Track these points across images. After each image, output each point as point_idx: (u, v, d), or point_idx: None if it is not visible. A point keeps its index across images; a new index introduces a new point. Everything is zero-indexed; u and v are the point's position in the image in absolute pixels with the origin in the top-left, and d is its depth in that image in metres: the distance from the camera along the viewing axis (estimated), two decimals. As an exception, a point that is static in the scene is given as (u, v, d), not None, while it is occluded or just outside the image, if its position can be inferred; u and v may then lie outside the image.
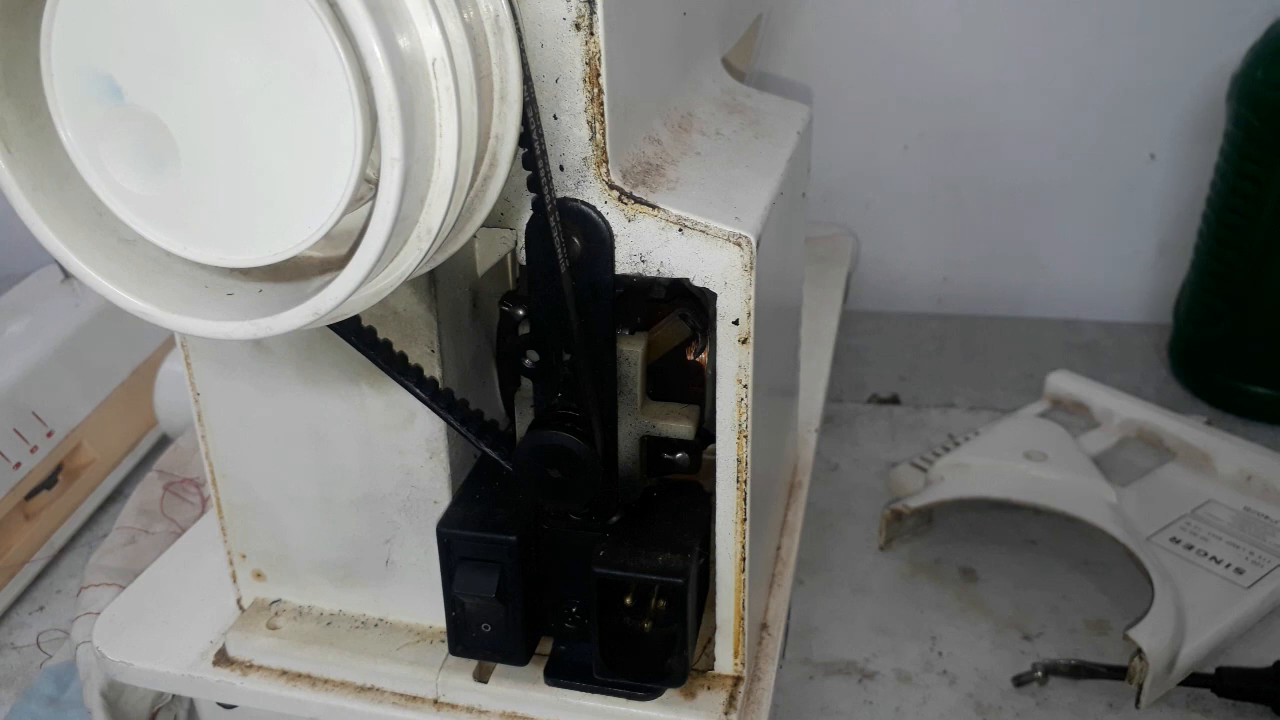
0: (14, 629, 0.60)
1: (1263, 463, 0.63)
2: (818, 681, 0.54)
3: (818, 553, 0.63)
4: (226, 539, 0.44)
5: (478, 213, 0.31)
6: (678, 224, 0.33)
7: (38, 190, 0.28)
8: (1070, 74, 0.82)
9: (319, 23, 0.24)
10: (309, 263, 0.29)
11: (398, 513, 0.41)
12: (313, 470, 0.41)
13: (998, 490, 0.61)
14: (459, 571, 0.38)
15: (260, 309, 0.28)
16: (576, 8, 0.30)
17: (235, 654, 0.43)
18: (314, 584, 0.44)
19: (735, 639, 0.40)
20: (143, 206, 0.27)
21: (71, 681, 0.54)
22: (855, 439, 0.74)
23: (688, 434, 0.38)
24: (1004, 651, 0.56)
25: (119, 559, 0.58)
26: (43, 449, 0.65)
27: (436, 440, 0.39)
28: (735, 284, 0.33)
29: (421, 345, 0.37)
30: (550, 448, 0.35)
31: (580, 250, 0.33)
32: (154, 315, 0.28)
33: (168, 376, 0.70)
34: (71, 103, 0.26)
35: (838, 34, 0.85)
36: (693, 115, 0.39)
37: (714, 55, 0.44)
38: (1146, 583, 0.54)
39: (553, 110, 0.32)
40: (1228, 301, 0.74)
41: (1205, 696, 0.52)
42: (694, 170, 0.36)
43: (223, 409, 0.41)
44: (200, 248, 0.27)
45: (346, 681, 0.42)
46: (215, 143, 0.26)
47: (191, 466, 0.65)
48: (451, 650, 0.40)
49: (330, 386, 0.39)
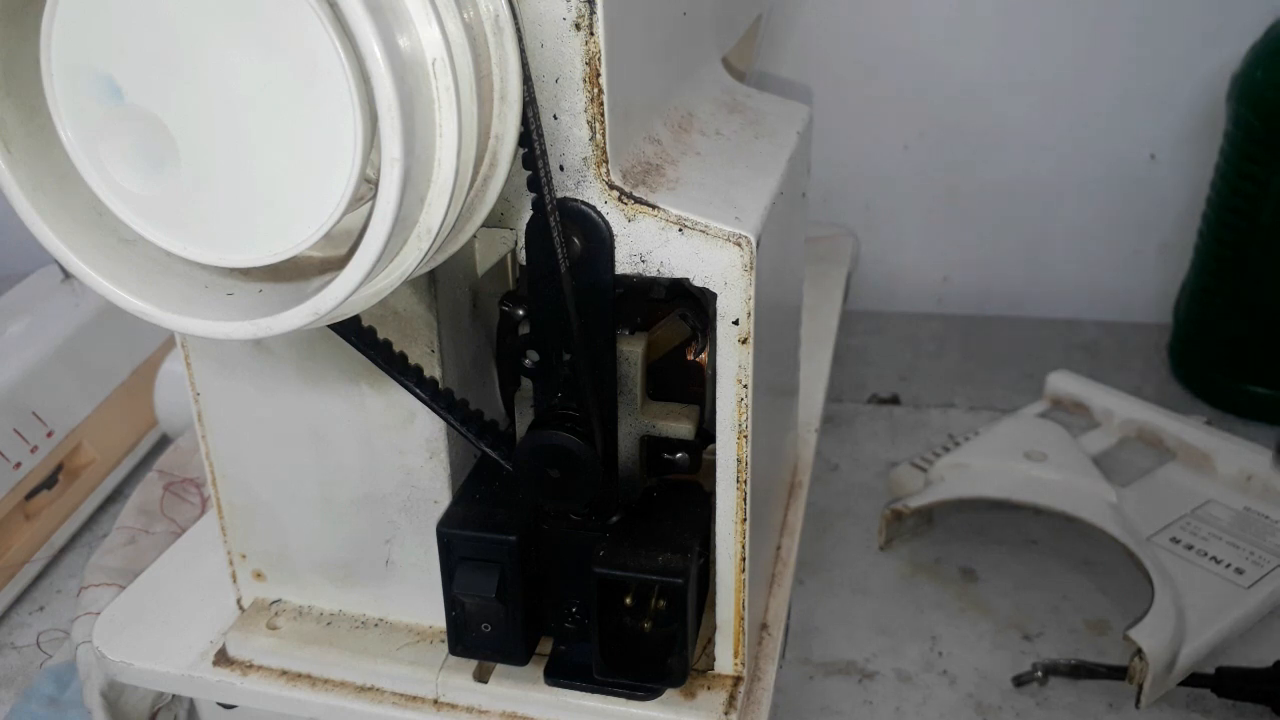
0: (14, 629, 0.60)
1: (1263, 463, 0.63)
2: (818, 681, 0.54)
3: (818, 553, 0.63)
4: (226, 539, 0.44)
5: (478, 213, 0.31)
6: (678, 224, 0.33)
7: (38, 190, 0.28)
8: (1071, 74, 0.82)
9: (319, 23, 0.24)
10: (309, 263, 0.29)
11: (398, 513, 0.41)
12: (313, 470, 0.41)
13: (998, 490, 0.61)
14: (459, 571, 0.38)
15: (260, 309, 0.28)
16: (576, 8, 0.30)
17: (235, 654, 0.43)
18: (314, 584, 0.44)
19: (735, 639, 0.40)
20: (143, 206, 0.27)
21: (72, 681, 0.54)
22: (855, 439, 0.74)
23: (688, 434, 0.38)
24: (1004, 651, 0.56)
25: (119, 559, 0.58)
26: (43, 449, 0.65)
27: (436, 440, 0.39)
28: (735, 284, 0.33)
29: (421, 345, 0.37)
30: (550, 448, 0.35)
31: (580, 250, 0.33)
32: (154, 315, 0.28)
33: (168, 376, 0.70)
34: (71, 103, 0.26)
35: (838, 34, 0.85)
36: (693, 115, 0.39)
37: (714, 55, 0.44)
38: (1146, 583, 0.54)
39: (553, 110, 0.32)
40: (1228, 301, 0.74)
41: (1205, 697, 0.52)
42: (694, 170, 0.36)
43: (223, 409, 0.41)
44: (200, 248, 0.27)
45: (346, 681, 0.42)
46: (215, 143, 0.26)
47: (191, 466, 0.65)
48: (451, 650, 0.40)
49: (330, 386, 0.39)
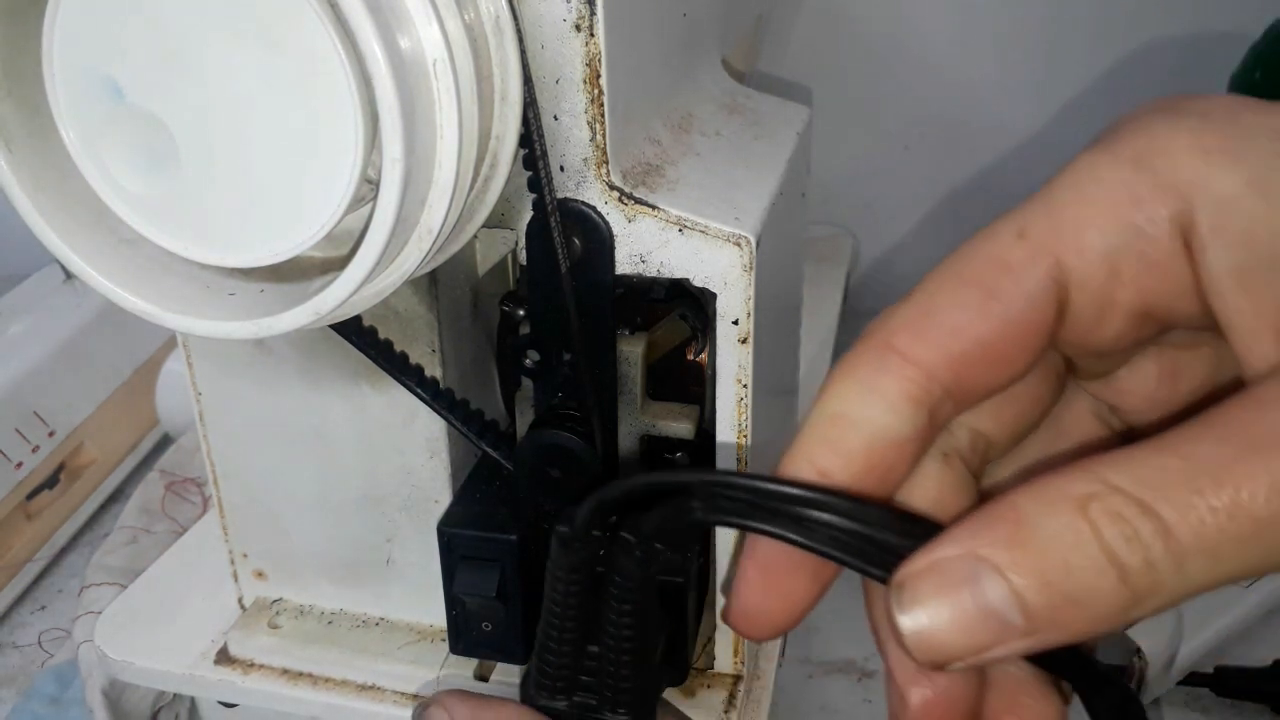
0: (15, 628, 0.60)
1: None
2: (817, 680, 0.54)
3: (818, 552, 0.63)
4: (228, 538, 0.44)
5: (478, 213, 0.31)
6: (677, 224, 0.33)
7: (39, 190, 0.28)
8: (1070, 74, 0.82)
9: (320, 23, 0.24)
10: (310, 263, 0.29)
11: (398, 512, 0.41)
12: (314, 469, 0.41)
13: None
14: (459, 571, 0.38)
15: (262, 309, 0.28)
16: (577, 9, 0.30)
17: (236, 653, 0.43)
18: (315, 583, 0.44)
19: (735, 638, 0.40)
20: (144, 207, 0.27)
21: (73, 680, 0.54)
22: (855, 439, 0.74)
23: (688, 434, 0.38)
24: (1004, 651, 0.56)
25: (120, 558, 0.58)
26: (44, 448, 0.65)
27: (437, 440, 0.39)
28: (735, 284, 0.33)
29: (422, 345, 0.37)
30: (550, 447, 0.35)
31: (580, 250, 0.33)
32: (155, 315, 0.29)
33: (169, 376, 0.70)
34: (73, 102, 0.27)
35: (838, 34, 0.85)
36: (693, 116, 0.39)
37: (714, 56, 0.44)
38: (1146, 582, 0.54)
39: (553, 111, 0.32)
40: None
41: (1204, 696, 0.52)
42: (694, 171, 0.36)
43: (224, 408, 0.41)
44: (201, 248, 0.27)
45: (347, 680, 0.42)
46: (216, 143, 0.26)
47: (193, 466, 0.65)
48: (452, 649, 0.40)
49: (331, 386, 0.39)
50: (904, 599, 0.20)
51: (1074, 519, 0.19)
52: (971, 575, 0.19)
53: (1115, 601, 0.19)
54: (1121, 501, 0.19)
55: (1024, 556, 0.19)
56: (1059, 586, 0.19)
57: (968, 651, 0.20)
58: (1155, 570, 0.18)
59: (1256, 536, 0.18)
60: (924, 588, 0.20)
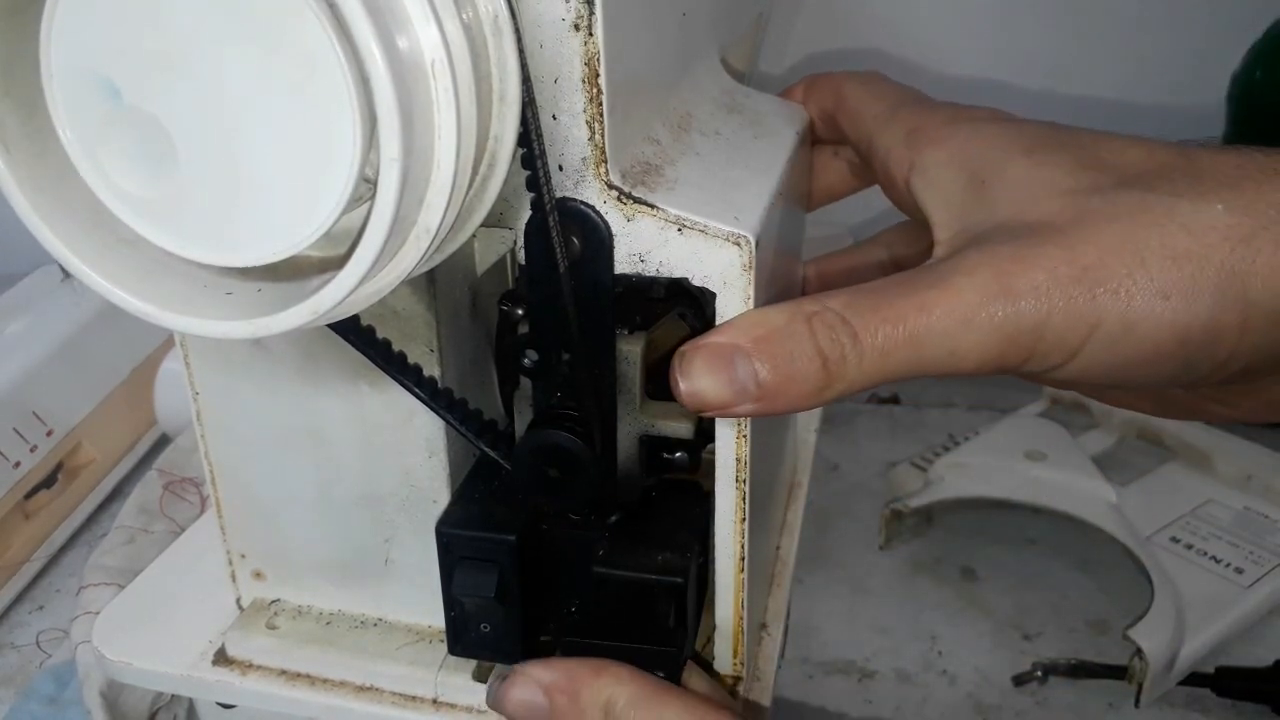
0: (13, 628, 0.60)
1: (1263, 463, 0.63)
2: (818, 681, 0.54)
3: (817, 552, 0.63)
4: (226, 538, 0.44)
5: (477, 212, 0.31)
6: (677, 224, 0.33)
7: (37, 190, 0.28)
8: (1070, 74, 0.82)
9: (318, 23, 0.24)
10: (308, 262, 0.29)
11: (397, 512, 0.41)
12: (312, 469, 0.41)
13: (998, 490, 0.61)
14: (458, 571, 0.38)
15: (259, 308, 0.28)
16: (576, 8, 0.30)
17: (234, 653, 0.43)
18: (313, 583, 0.44)
19: (734, 639, 0.40)
20: (141, 207, 0.27)
21: (71, 681, 0.54)
22: (855, 439, 0.74)
23: (687, 433, 0.38)
24: (1004, 651, 0.56)
25: (118, 558, 0.58)
26: (42, 448, 0.65)
27: (436, 439, 0.39)
28: (734, 284, 0.33)
29: (421, 344, 0.37)
30: (549, 447, 0.35)
31: (579, 250, 0.33)
32: (153, 315, 0.28)
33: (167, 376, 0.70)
34: (71, 103, 0.26)
35: (838, 34, 0.85)
36: (692, 115, 0.39)
37: (714, 55, 0.44)
38: (1146, 582, 0.54)
39: (552, 111, 0.32)
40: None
41: (1205, 696, 0.52)
42: (693, 170, 0.36)
43: (222, 408, 0.41)
44: (199, 248, 0.27)
45: (346, 681, 0.42)
46: (214, 143, 0.26)
47: (191, 465, 0.65)
48: (450, 650, 0.40)
49: (329, 385, 0.39)
50: (684, 367, 0.30)
51: (801, 325, 0.29)
52: (730, 358, 0.29)
53: (818, 380, 0.29)
54: (833, 317, 0.29)
55: (765, 347, 0.29)
56: (784, 369, 0.29)
57: (720, 407, 0.30)
58: (846, 362, 0.29)
59: (911, 344, 0.28)
60: (697, 362, 0.30)
